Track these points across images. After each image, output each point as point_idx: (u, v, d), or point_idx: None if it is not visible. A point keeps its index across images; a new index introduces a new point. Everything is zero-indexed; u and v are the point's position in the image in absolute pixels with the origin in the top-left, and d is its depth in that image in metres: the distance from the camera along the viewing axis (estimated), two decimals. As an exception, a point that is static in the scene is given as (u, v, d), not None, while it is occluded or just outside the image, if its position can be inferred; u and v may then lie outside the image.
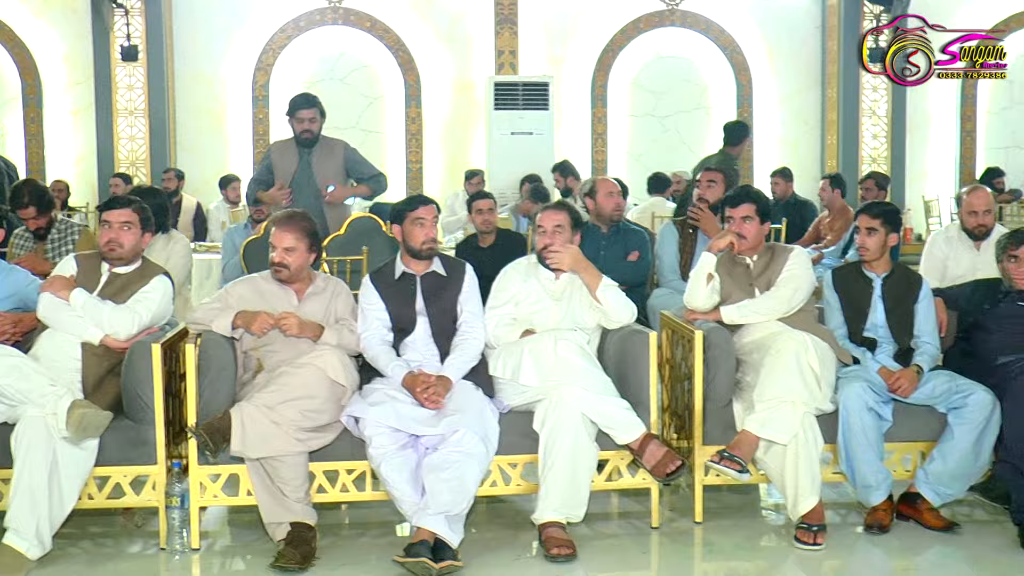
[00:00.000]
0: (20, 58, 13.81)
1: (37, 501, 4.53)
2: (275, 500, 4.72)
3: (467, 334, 5.16)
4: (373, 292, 5.19)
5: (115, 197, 5.40)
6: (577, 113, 14.78)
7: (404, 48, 14.34)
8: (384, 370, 5.02)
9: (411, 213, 5.20)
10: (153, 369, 4.83)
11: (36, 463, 4.54)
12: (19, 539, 4.53)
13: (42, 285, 5.13)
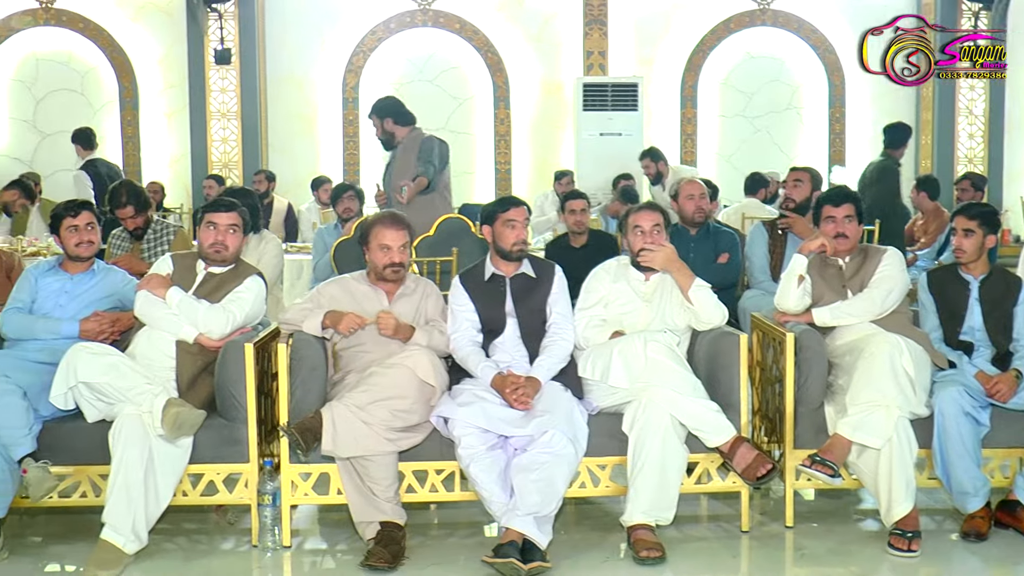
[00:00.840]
0: (117, 62, 14.07)
1: (133, 497, 4.62)
2: (365, 499, 4.76)
3: (556, 335, 5.15)
4: (463, 293, 5.21)
5: (220, 199, 5.49)
6: (666, 114, 14.69)
7: (493, 49, 14.37)
8: (473, 371, 5.03)
9: (502, 215, 5.21)
10: (246, 368, 4.89)
11: (132, 460, 4.62)
12: (116, 534, 4.62)
13: (139, 284, 5.22)
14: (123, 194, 6.56)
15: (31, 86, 14.08)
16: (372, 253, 5.21)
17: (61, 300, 5.28)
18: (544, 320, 5.19)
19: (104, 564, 4.58)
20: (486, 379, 4.96)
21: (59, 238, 5.39)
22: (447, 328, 5.19)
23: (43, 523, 5.40)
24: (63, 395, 4.81)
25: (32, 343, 5.12)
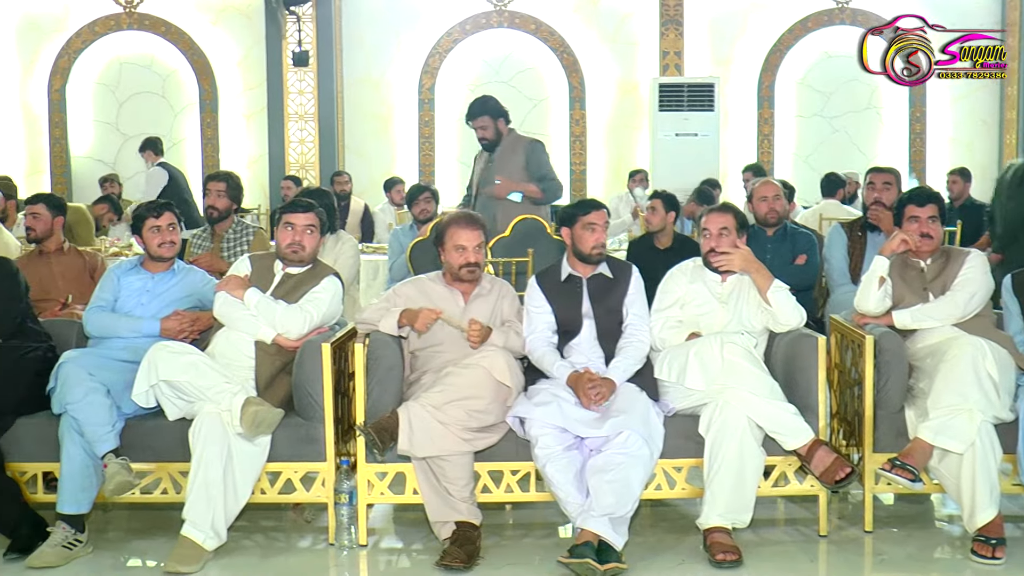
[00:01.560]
0: (198, 65, 14.27)
1: (212, 495, 4.68)
2: (441, 499, 4.77)
3: (633, 337, 5.13)
4: (539, 294, 5.20)
5: (298, 200, 5.53)
6: (743, 114, 14.59)
7: (568, 50, 14.36)
8: (549, 370, 5.02)
9: (583, 217, 5.20)
10: (323, 368, 4.93)
11: (212, 458, 4.68)
12: (196, 531, 4.68)
13: (218, 284, 5.28)
14: (220, 172, 6.78)
15: (114, 89, 14.33)
16: (448, 254, 5.22)
17: (143, 299, 5.36)
18: (620, 321, 5.18)
19: (184, 560, 4.64)
20: (562, 377, 4.95)
21: (141, 238, 5.46)
22: (523, 329, 5.19)
23: (125, 519, 5.48)
24: (145, 393, 4.89)
25: (115, 341, 5.20)
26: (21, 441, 4.97)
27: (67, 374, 4.84)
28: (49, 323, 5.54)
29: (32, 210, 6.41)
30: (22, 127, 14.27)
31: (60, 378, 4.86)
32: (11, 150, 14.23)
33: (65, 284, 6.31)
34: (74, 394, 4.77)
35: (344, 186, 12.08)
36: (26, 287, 5.35)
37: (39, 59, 14.24)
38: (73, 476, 4.77)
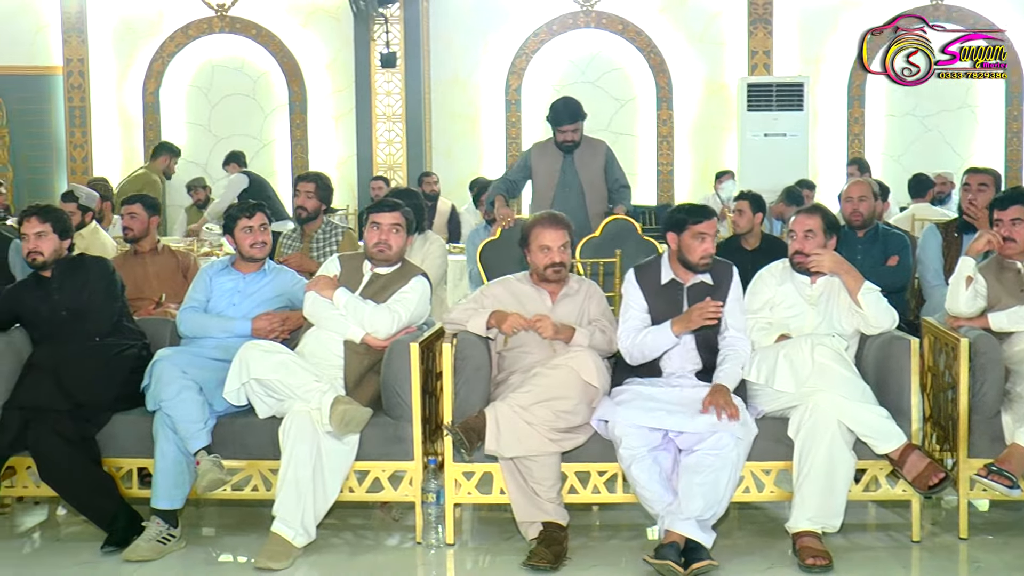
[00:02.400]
0: (288, 67, 14.43)
1: (302, 492, 4.73)
2: (528, 499, 4.78)
3: (732, 351, 4.97)
4: (637, 291, 5.10)
5: (384, 200, 5.58)
6: (833, 114, 14.40)
7: (655, 50, 14.29)
8: (651, 339, 4.93)
9: (694, 226, 5.01)
10: (411, 368, 4.96)
11: (302, 456, 4.74)
12: (286, 528, 4.74)
13: (308, 284, 5.34)
14: (313, 173, 6.90)
15: (207, 91, 14.55)
16: (533, 254, 5.21)
17: (234, 299, 5.43)
18: (719, 332, 5.02)
19: (274, 556, 4.70)
20: (668, 328, 4.89)
21: (233, 238, 5.53)
22: (610, 329, 5.16)
23: (216, 515, 5.57)
24: (236, 391, 4.96)
25: (207, 340, 5.28)
26: (117, 437, 5.07)
27: (161, 372, 4.93)
28: (143, 321, 5.65)
29: (129, 210, 6.53)
30: (118, 129, 14.53)
31: (154, 376, 4.95)
32: (107, 152, 14.50)
33: (159, 283, 6.42)
34: (168, 391, 4.86)
35: (433, 186, 12.14)
36: (122, 286, 5.46)
37: (134, 62, 14.50)
38: (167, 472, 4.86)
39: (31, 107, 14.32)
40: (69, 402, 4.97)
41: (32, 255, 5.34)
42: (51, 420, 4.92)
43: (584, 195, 7.50)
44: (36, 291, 5.36)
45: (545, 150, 7.74)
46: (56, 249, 5.34)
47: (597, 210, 7.51)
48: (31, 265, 5.43)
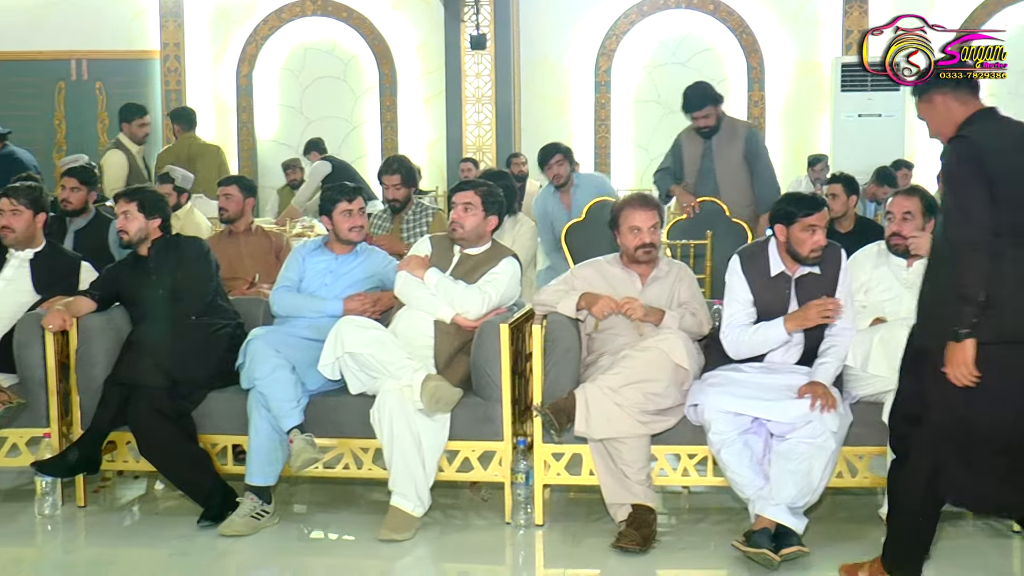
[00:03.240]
0: (378, 50, 14.52)
1: (410, 465, 4.83)
2: (617, 481, 4.77)
3: (837, 341, 4.84)
4: (743, 281, 4.93)
5: (464, 180, 5.60)
6: (929, 93, 14.09)
7: (747, 30, 14.13)
8: (764, 337, 4.81)
9: (804, 219, 4.79)
10: (501, 348, 4.98)
11: (402, 432, 4.83)
12: (405, 500, 4.85)
13: (399, 264, 5.38)
14: (395, 162, 6.86)
15: (298, 74, 14.69)
16: (623, 236, 5.19)
17: (326, 280, 5.49)
18: (825, 325, 4.86)
19: (397, 528, 4.82)
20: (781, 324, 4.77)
21: (331, 220, 5.56)
22: (700, 311, 5.13)
23: (308, 492, 5.64)
24: (331, 365, 5.03)
25: (300, 320, 5.35)
26: (212, 414, 5.17)
27: (255, 351, 5.01)
28: (237, 301, 5.73)
29: (225, 191, 6.63)
30: (212, 112, 14.72)
31: (248, 354, 5.03)
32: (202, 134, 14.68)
33: (252, 263, 6.51)
34: (262, 370, 4.94)
35: (521, 167, 12.14)
36: (216, 266, 5.55)
37: (229, 46, 14.68)
38: (261, 449, 4.94)
39: (129, 91, 14.51)
40: (166, 379, 5.07)
41: (120, 233, 5.49)
42: (149, 397, 5.03)
43: (718, 183, 7.37)
44: (134, 270, 5.48)
45: (691, 136, 7.67)
46: (142, 228, 5.44)
47: (732, 198, 7.33)
48: (120, 244, 5.60)
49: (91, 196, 6.94)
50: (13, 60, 14.57)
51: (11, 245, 5.66)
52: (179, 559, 4.72)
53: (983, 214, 3.76)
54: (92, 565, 4.77)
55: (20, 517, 5.28)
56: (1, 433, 5.27)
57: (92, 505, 5.38)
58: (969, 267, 3.75)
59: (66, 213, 6.83)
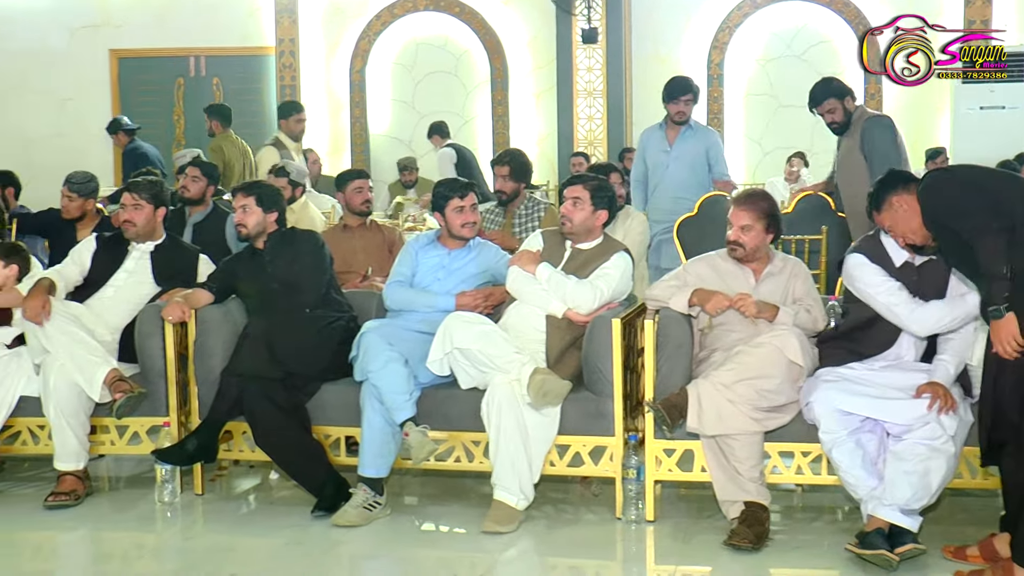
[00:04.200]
0: (489, 44, 14.56)
1: (515, 460, 4.84)
2: (729, 478, 4.73)
3: (954, 334, 4.69)
4: (879, 268, 4.76)
5: (574, 175, 5.59)
6: (1056, 84, 13.72)
7: (864, 21, 13.84)
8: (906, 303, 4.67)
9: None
10: (612, 343, 4.96)
11: (509, 427, 4.83)
12: (508, 494, 4.86)
13: (511, 259, 5.39)
14: (507, 155, 6.87)
15: (411, 69, 14.81)
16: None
17: (439, 274, 5.52)
18: None
19: (500, 520, 4.84)
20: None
21: (443, 216, 5.59)
22: (815, 308, 5.04)
23: (419, 484, 5.69)
24: (439, 361, 5.05)
25: (412, 314, 5.38)
26: (326, 406, 5.24)
27: (368, 343, 5.06)
28: (351, 294, 5.80)
29: (359, 185, 6.72)
30: (326, 108, 14.92)
31: (362, 347, 5.09)
32: (316, 129, 14.90)
33: (366, 257, 6.57)
34: (375, 363, 4.98)
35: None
36: (330, 259, 5.62)
37: (342, 42, 14.85)
38: (373, 441, 4.99)
39: (245, 87, 14.84)
40: (281, 371, 5.15)
41: (238, 227, 5.60)
42: (265, 388, 5.11)
43: (836, 174, 7.12)
44: (250, 263, 5.58)
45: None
46: (259, 222, 5.54)
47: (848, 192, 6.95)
48: (238, 237, 5.72)
49: (210, 190, 7.08)
50: (136, 57, 14.96)
51: (132, 238, 5.79)
52: (293, 548, 4.80)
53: None
54: (210, 552, 4.87)
55: (140, 503, 5.41)
56: (123, 422, 5.39)
57: (209, 493, 5.50)
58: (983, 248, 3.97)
59: (184, 202, 6.99)
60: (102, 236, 5.94)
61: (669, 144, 7.85)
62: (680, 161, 7.81)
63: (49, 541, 5.10)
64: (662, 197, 7.76)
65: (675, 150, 7.83)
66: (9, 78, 14.95)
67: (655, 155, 7.89)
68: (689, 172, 7.81)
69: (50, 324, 5.25)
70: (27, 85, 14.76)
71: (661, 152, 7.86)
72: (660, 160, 7.84)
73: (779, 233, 5.19)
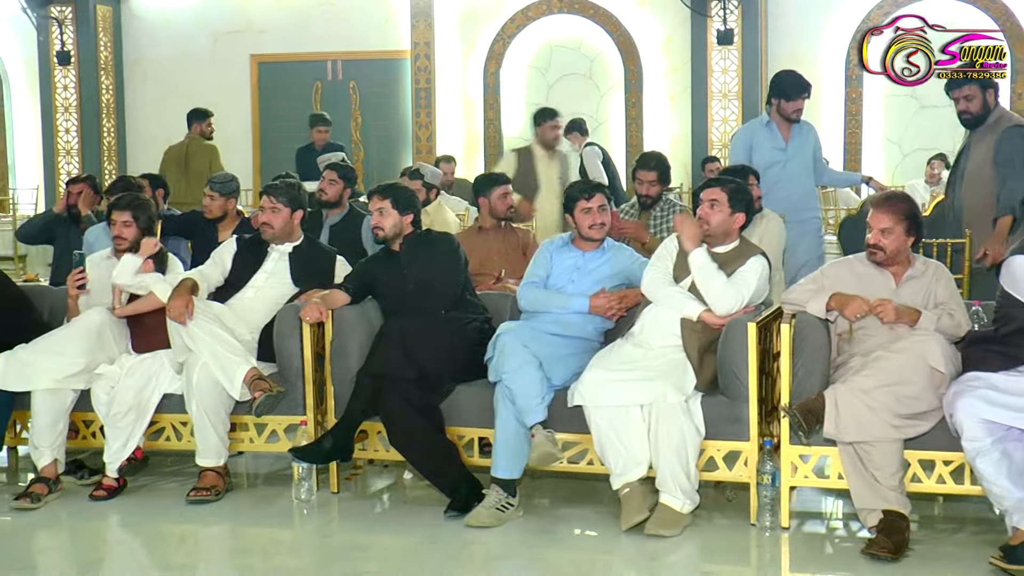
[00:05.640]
0: (624, 46, 14.51)
1: (675, 463, 4.85)
2: (867, 486, 4.62)
3: None
4: None
5: (710, 177, 5.54)
6: None
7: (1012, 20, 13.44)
8: None
9: None
10: (748, 347, 4.90)
11: (672, 432, 4.85)
12: (672, 498, 4.86)
13: (676, 219, 5.41)
14: (652, 158, 6.86)
15: (544, 72, 14.84)
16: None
17: (573, 276, 5.51)
18: None
19: (665, 524, 4.84)
20: None
21: (572, 218, 5.60)
22: (958, 312, 4.90)
23: (551, 487, 5.69)
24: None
25: (546, 315, 5.39)
26: (460, 407, 5.29)
27: (504, 345, 5.08)
28: (485, 296, 5.83)
29: (505, 190, 6.79)
30: (460, 110, 15.04)
31: (497, 349, 5.11)
32: (450, 131, 15.05)
33: (500, 259, 6.61)
34: (509, 364, 5.00)
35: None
36: (465, 261, 5.67)
37: (476, 45, 14.95)
38: (507, 443, 5.01)
39: (381, 90, 15.05)
40: (416, 371, 5.20)
41: (375, 230, 5.67)
42: (400, 388, 5.17)
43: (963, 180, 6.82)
44: (386, 265, 5.65)
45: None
46: (396, 224, 5.60)
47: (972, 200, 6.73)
48: (375, 240, 5.80)
49: (347, 192, 7.19)
50: (277, 62, 15.29)
51: (270, 240, 5.91)
52: (428, 547, 4.84)
53: None
54: (346, 549, 4.94)
55: (278, 500, 5.52)
56: (261, 420, 5.51)
57: (344, 492, 5.58)
58: None
59: (321, 205, 7.11)
60: (242, 238, 6.07)
61: (785, 142, 7.56)
62: (796, 159, 7.55)
63: (192, 534, 5.24)
64: (780, 196, 7.32)
65: (791, 147, 7.55)
66: (156, 84, 15.45)
67: (769, 153, 7.50)
68: (804, 170, 7.58)
69: (193, 324, 5.39)
70: (172, 90, 15.18)
71: (776, 150, 7.51)
72: (776, 158, 7.49)
73: (920, 236, 5.06)
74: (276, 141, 15.02)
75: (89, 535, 5.25)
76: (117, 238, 5.85)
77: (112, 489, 5.52)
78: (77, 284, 5.83)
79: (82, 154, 15.34)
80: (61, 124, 15.43)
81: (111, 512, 5.39)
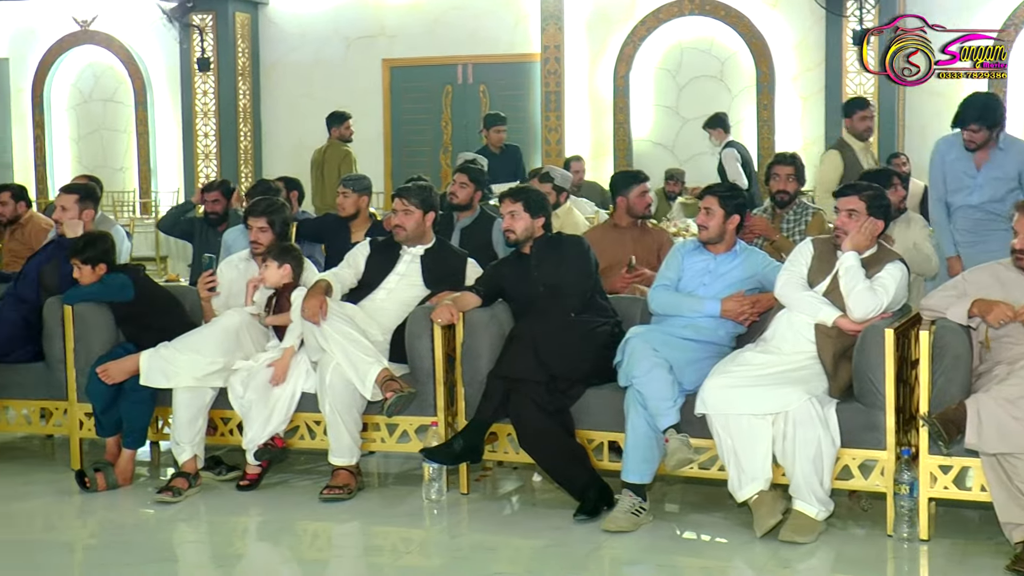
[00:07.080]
0: (756, 48, 14.32)
1: (806, 472, 4.78)
2: (1012, 499, 4.47)
3: None
4: None
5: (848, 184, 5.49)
6: None
7: None
8: None
9: None
10: (885, 354, 4.79)
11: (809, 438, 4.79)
12: (807, 505, 4.81)
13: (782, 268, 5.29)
14: (789, 154, 6.88)
15: (675, 74, 14.72)
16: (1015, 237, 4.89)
17: (705, 279, 5.45)
18: None
19: (800, 531, 4.79)
20: None
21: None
22: None
23: (681, 492, 5.65)
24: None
25: (677, 319, 5.33)
26: (590, 410, 5.28)
27: (634, 349, 5.05)
28: (615, 300, 5.78)
29: (644, 188, 6.72)
30: (589, 113, 15.01)
31: (627, 352, 5.09)
32: (579, 134, 15.02)
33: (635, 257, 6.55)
34: (640, 368, 4.98)
35: (902, 167, 11.64)
36: (596, 264, 5.64)
37: (606, 48, 14.89)
38: (637, 447, 4.98)
39: (511, 92, 15.10)
40: (546, 374, 5.20)
41: (506, 232, 5.69)
42: (529, 390, 5.17)
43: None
44: (517, 267, 5.66)
45: None
46: (528, 227, 5.61)
47: None
48: (506, 242, 5.84)
49: (477, 195, 7.22)
50: (409, 66, 15.45)
51: (402, 242, 5.96)
52: (556, 550, 4.84)
53: None
54: (475, 550, 4.96)
55: (409, 500, 5.57)
56: (392, 420, 5.56)
57: (474, 493, 5.60)
58: None
59: (452, 208, 7.15)
60: (375, 240, 6.14)
61: (976, 168, 6.59)
62: (985, 189, 6.55)
63: (325, 531, 5.31)
64: (963, 218, 6.65)
65: (982, 176, 6.57)
66: (291, 88, 15.73)
67: (957, 177, 6.64)
68: (991, 199, 6.54)
69: (327, 324, 5.46)
70: (307, 95, 15.45)
71: (965, 176, 6.62)
72: (964, 184, 6.62)
73: None
74: (407, 144, 15.19)
75: (227, 529, 5.38)
76: (254, 243, 5.98)
77: (255, 478, 5.66)
78: (207, 287, 5.97)
79: (220, 157, 15.69)
80: (200, 129, 15.80)
81: (248, 507, 5.52)
